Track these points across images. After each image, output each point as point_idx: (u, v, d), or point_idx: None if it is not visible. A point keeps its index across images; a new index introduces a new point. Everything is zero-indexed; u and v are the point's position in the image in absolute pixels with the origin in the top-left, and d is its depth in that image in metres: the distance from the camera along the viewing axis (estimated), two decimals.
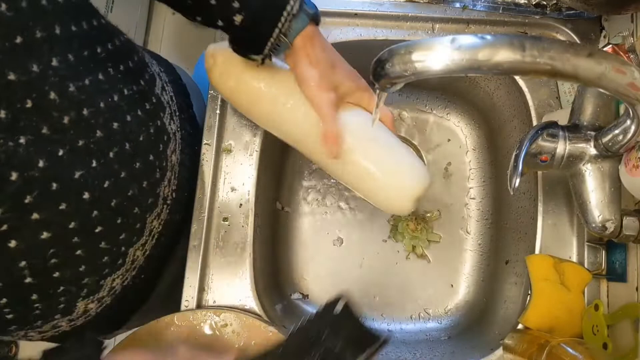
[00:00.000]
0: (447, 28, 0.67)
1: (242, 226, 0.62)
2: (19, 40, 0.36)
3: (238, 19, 0.48)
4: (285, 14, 0.48)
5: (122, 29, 0.89)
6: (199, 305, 0.59)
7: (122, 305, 0.57)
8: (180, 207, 0.60)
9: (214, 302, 0.59)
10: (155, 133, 0.52)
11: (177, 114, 0.60)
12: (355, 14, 0.67)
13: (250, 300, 0.59)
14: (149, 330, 0.55)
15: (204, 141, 0.63)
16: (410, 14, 0.66)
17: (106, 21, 0.50)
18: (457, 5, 0.66)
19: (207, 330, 0.55)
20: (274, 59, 0.55)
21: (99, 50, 0.46)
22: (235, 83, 0.55)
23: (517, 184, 0.46)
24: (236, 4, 0.48)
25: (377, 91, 0.44)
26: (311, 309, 0.72)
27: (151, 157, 0.52)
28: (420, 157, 0.79)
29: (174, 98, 0.60)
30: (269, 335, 0.55)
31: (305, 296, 0.73)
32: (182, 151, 0.59)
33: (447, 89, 0.78)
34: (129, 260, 0.52)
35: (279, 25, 0.48)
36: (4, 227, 0.38)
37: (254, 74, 0.55)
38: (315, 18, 0.51)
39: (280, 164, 0.77)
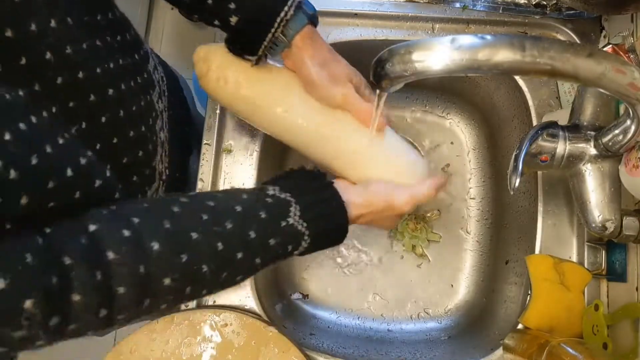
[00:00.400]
0: (447, 28, 0.67)
1: None
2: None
3: (234, 19, 0.49)
4: (279, 19, 0.49)
5: None
6: (199, 305, 0.59)
7: None
8: (174, 187, 0.61)
9: (214, 302, 0.59)
10: (145, 107, 0.53)
11: (166, 94, 0.60)
12: (355, 14, 0.67)
13: (250, 300, 0.59)
14: (150, 329, 0.55)
15: (204, 141, 0.63)
16: (410, 14, 0.66)
17: None
18: (457, 5, 0.66)
19: (207, 331, 0.55)
20: (270, 60, 0.54)
21: (99, 17, 0.46)
22: (234, 89, 0.54)
23: (517, 184, 0.46)
24: (232, 5, 0.49)
25: (377, 92, 0.44)
26: (311, 309, 0.72)
27: (143, 129, 0.52)
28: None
29: (164, 79, 0.61)
30: (269, 335, 0.55)
31: (305, 296, 0.73)
32: (170, 130, 0.60)
33: (447, 89, 0.78)
34: None
35: (272, 29, 0.49)
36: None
37: (251, 79, 0.54)
38: (313, 19, 0.52)
39: (280, 164, 0.77)
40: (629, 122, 0.43)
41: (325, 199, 0.47)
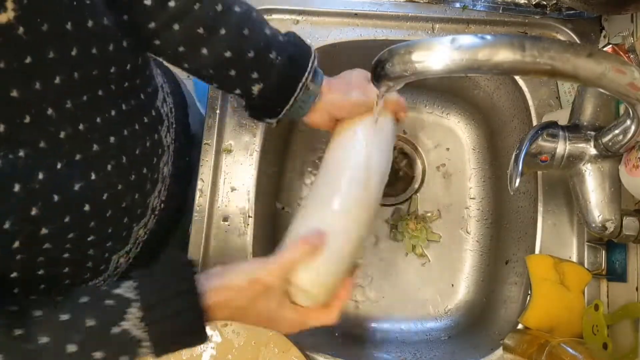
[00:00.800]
0: (447, 28, 0.67)
1: (242, 226, 0.62)
2: (28, 60, 0.37)
3: (256, 89, 0.52)
4: (300, 84, 0.52)
5: None
6: None
7: None
8: (168, 217, 0.61)
9: None
10: (150, 146, 0.53)
11: (174, 126, 0.60)
12: (355, 14, 0.67)
13: None
14: None
15: (204, 141, 0.63)
16: (410, 14, 0.66)
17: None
18: (457, 5, 0.66)
19: (207, 331, 0.55)
20: None
21: (112, 70, 0.45)
22: None
23: (517, 184, 0.46)
24: (255, 75, 0.51)
25: (377, 98, 0.44)
26: None
27: (145, 170, 0.52)
28: (421, 156, 0.79)
29: (172, 110, 0.61)
30: (269, 335, 0.55)
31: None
32: (173, 163, 0.60)
33: (447, 89, 0.78)
34: (112, 266, 0.53)
35: (295, 93, 0.52)
36: (16, 243, 0.39)
37: None
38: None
39: (280, 164, 0.77)
40: (629, 122, 0.43)
41: (178, 293, 0.41)
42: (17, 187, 0.38)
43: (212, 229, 0.62)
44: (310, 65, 0.53)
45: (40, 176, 0.40)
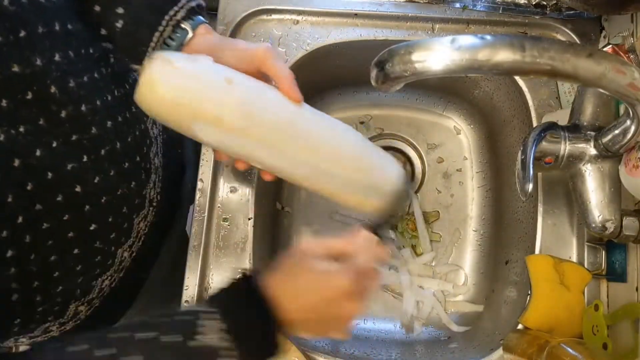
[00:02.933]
0: (447, 28, 0.67)
1: (242, 226, 0.62)
2: (22, 34, 0.37)
3: (120, 24, 0.47)
4: (167, 16, 0.47)
5: None
6: None
7: (109, 307, 0.57)
8: (165, 211, 0.61)
9: None
10: (140, 136, 0.53)
11: None
12: (355, 14, 0.67)
13: None
14: None
15: None
16: (410, 14, 0.66)
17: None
18: (457, 5, 0.66)
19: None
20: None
21: (91, 50, 0.46)
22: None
23: (530, 189, 0.46)
24: (120, 10, 0.47)
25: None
26: None
27: (138, 158, 0.52)
28: (421, 156, 0.79)
29: None
30: None
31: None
32: (164, 155, 0.60)
33: (447, 89, 0.78)
34: (118, 260, 0.53)
35: (161, 27, 0.47)
36: (20, 219, 0.39)
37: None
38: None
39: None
40: (628, 122, 0.43)
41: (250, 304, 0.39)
42: (17, 162, 0.38)
43: (212, 229, 0.62)
44: (183, 1, 0.48)
45: (38, 153, 0.40)
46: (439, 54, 0.33)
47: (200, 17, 0.49)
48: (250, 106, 0.43)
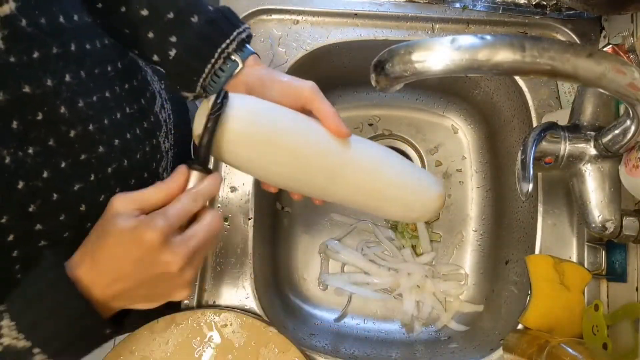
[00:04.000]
0: (447, 28, 0.67)
1: (242, 226, 0.62)
2: (36, 55, 0.37)
3: (173, 53, 0.48)
4: (219, 49, 0.47)
5: None
6: (199, 305, 0.59)
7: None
8: None
9: (214, 302, 0.59)
10: (150, 151, 0.53)
11: (173, 132, 0.60)
12: (355, 14, 0.67)
13: (250, 301, 0.59)
14: (150, 329, 0.55)
15: None
16: (410, 14, 0.66)
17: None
18: (457, 5, 0.66)
19: (207, 331, 0.55)
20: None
21: (109, 68, 0.46)
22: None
23: (530, 189, 0.46)
24: (173, 39, 0.47)
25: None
26: (311, 309, 0.72)
27: (145, 175, 0.52)
28: (421, 156, 0.79)
29: (171, 116, 0.61)
30: (269, 335, 0.55)
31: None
32: (172, 169, 0.59)
33: (447, 89, 0.78)
34: None
35: (212, 59, 0.47)
36: (10, 237, 0.39)
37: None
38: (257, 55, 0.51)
39: None
40: (628, 122, 0.43)
41: (46, 288, 0.36)
42: (20, 184, 0.38)
43: None
44: (235, 34, 0.48)
45: (45, 174, 0.40)
46: (439, 54, 0.33)
47: (250, 48, 0.50)
48: (302, 148, 0.43)
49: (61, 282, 0.36)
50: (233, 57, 0.48)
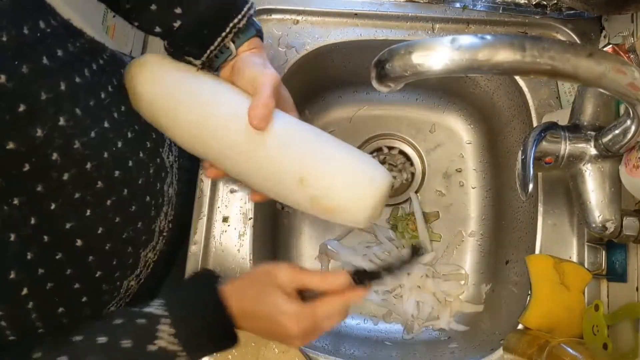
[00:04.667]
0: (447, 28, 0.67)
1: (243, 227, 0.62)
2: (22, 108, 0.35)
3: (177, 24, 0.47)
4: (231, 24, 0.47)
5: (122, 32, 0.88)
6: None
7: None
8: (177, 234, 0.60)
9: None
10: (154, 173, 0.52)
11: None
12: (355, 14, 0.67)
13: None
14: None
15: None
16: (410, 14, 0.66)
17: (109, 55, 0.49)
18: (457, 5, 0.66)
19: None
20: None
21: (102, 95, 0.45)
22: (164, 88, 0.48)
23: (530, 189, 0.46)
24: (178, 10, 0.46)
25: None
26: None
27: (148, 198, 0.51)
28: (421, 156, 0.79)
29: None
30: None
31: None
32: (179, 180, 0.59)
33: (447, 89, 0.78)
34: (124, 290, 0.52)
35: (224, 33, 0.47)
36: (24, 290, 0.39)
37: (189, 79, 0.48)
38: (260, 34, 0.50)
39: None
40: (629, 122, 0.43)
41: (204, 305, 0.44)
42: (12, 237, 0.37)
43: (212, 230, 0.62)
44: (246, 7, 0.47)
45: (33, 221, 0.39)
46: (439, 54, 0.33)
47: (254, 27, 0.50)
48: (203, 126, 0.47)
49: (220, 306, 0.43)
50: (227, 45, 0.48)
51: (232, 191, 0.63)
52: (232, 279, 0.46)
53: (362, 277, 0.44)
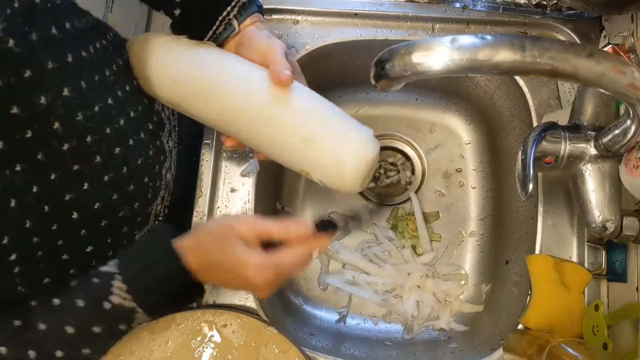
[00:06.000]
0: (447, 28, 0.67)
1: None
2: (27, 74, 0.36)
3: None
4: (234, 2, 0.49)
5: (122, 28, 0.88)
6: (199, 305, 0.59)
7: None
8: (172, 220, 0.60)
9: (214, 302, 0.59)
10: (153, 155, 0.52)
11: (177, 129, 0.60)
12: (355, 14, 0.67)
13: (250, 301, 0.59)
14: (150, 329, 0.55)
15: (204, 141, 0.63)
16: (410, 14, 0.66)
17: (113, 35, 0.50)
18: (457, 5, 0.66)
19: (207, 331, 0.55)
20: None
21: (107, 73, 0.46)
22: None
23: (530, 189, 0.46)
24: None
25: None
26: (311, 309, 0.72)
27: (146, 179, 0.52)
28: (421, 156, 0.79)
29: (175, 112, 0.60)
30: (269, 335, 0.55)
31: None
32: (177, 167, 0.59)
33: (447, 89, 0.78)
34: None
35: (226, 11, 0.49)
36: (13, 256, 0.39)
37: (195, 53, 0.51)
38: (261, 10, 0.52)
39: (280, 164, 0.77)
40: (629, 122, 0.43)
41: (156, 258, 0.43)
42: (13, 203, 0.38)
43: None
44: None
45: (35, 189, 0.39)
46: (439, 54, 0.33)
47: (255, 5, 0.52)
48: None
49: (173, 259, 0.42)
50: (231, 21, 0.50)
51: (232, 191, 0.63)
52: (191, 234, 0.45)
53: (325, 225, 0.44)
